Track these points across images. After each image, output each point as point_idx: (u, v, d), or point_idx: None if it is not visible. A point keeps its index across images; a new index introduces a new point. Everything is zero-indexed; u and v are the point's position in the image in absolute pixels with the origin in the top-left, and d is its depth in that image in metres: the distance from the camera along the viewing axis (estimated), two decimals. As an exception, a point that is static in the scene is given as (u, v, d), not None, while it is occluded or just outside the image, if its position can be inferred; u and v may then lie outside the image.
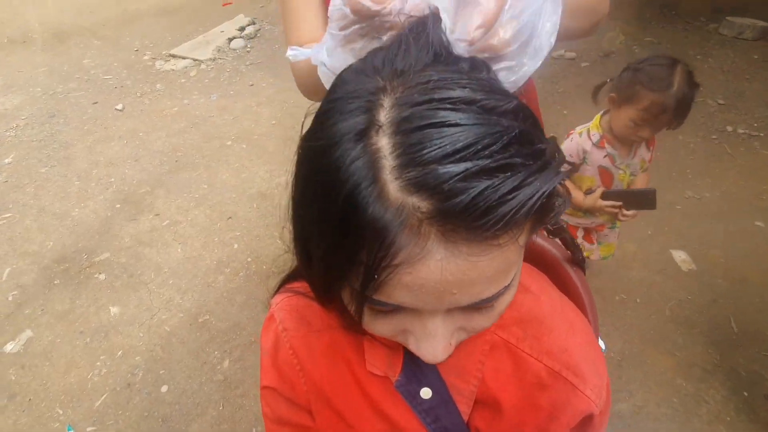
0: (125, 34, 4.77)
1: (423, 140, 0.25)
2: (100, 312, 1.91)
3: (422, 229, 0.26)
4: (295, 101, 3.37)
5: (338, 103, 0.30)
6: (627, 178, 1.44)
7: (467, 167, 0.25)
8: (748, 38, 3.74)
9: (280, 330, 0.52)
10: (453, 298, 0.29)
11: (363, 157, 0.26)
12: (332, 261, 0.30)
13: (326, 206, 0.28)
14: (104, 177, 2.71)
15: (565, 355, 0.46)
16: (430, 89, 0.28)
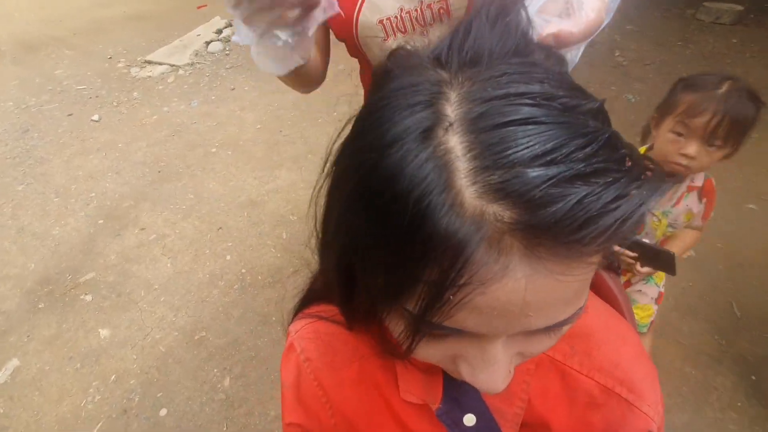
0: (97, 42, 4.61)
1: (506, 139, 0.22)
2: (89, 335, 1.82)
3: (504, 243, 0.22)
4: (280, 104, 3.29)
5: (391, 99, 0.25)
6: (663, 228, 1.15)
7: (561, 171, 0.21)
8: (726, 23, 3.80)
9: (301, 360, 0.47)
10: (526, 322, 0.25)
11: (431, 160, 0.22)
12: (388, 281, 0.26)
13: (384, 219, 0.24)
14: (84, 192, 2.60)
15: (618, 370, 0.43)
16: (505, 83, 0.24)
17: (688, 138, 0.97)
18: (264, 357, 1.70)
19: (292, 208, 2.37)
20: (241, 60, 3.97)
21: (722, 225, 2.03)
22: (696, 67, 3.26)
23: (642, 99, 2.97)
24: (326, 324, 0.47)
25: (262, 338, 1.77)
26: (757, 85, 3.08)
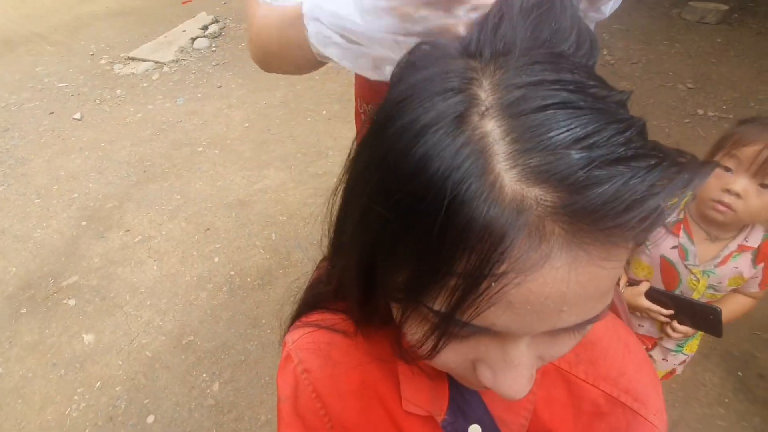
0: (79, 39, 4.50)
1: (546, 122, 0.21)
2: (73, 341, 1.77)
3: (546, 229, 0.21)
4: (268, 102, 3.25)
5: (420, 87, 0.24)
6: (701, 289, 0.98)
7: (603, 153, 0.21)
8: (711, 22, 3.85)
9: (299, 372, 0.45)
10: (559, 318, 0.24)
11: (468, 145, 0.21)
12: (415, 277, 0.24)
13: (416, 208, 0.22)
14: (66, 193, 2.53)
15: (623, 379, 0.42)
16: (539, 71, 0.23)
17: (737, 173, 0.83)
18: (254, 361, 1.67)
19: (281, 208, 2.34)
20: (228, 57, 3.91)
21: (708, 222, 2.06)
22: (682, 65, 3.30)
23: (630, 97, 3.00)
24: (325, 333, 0.45)
25: (252, 342, 1.74)
26: (741, 83, 3.15)
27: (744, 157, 0.82)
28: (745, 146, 0.82)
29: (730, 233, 0.94)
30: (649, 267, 1.02)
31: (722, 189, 0.84)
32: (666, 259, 0.99)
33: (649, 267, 1.03)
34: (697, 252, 0.95)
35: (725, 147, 0.86)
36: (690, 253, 0.96)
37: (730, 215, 0.86)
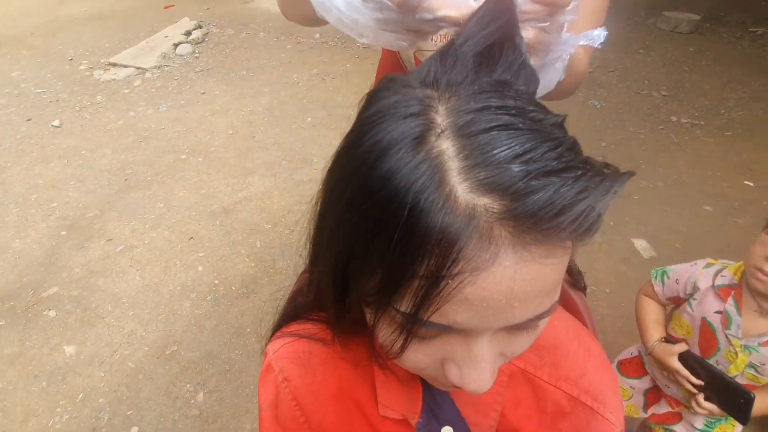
0: (57, 43, 4.41)
1: (491, 142, 0.25)
2: (54, 352, 1.75)
3: (494, 232, 0.24)
4: (252, 109, 3.24)
5: (385, 112, 0.28)
6: (740, 366, 0.90)
7: (538, 167, 0.24)
8: (684, 32, 4.00)
9: (280, 381, 0.47)
10: (512, 313, 0.27)
11: (425, 161, 0.25)
12: (384, 281, 0.27)
13: (383, 217, 0.25)
14: (45, 202, 2.49)
15: (583, 380, 0.45)
16: (485, 98, 0.27)
17: None
18: (238, 369, 1.67)
19: (266, 216, 2.34)
20: (211, 63, 3.89)
21: (680, 226, 2.14)
22: (657, 73, 3.42)
23: (607, 105, 3.09)
24: (305, 343, 0.47)
25: (237, 350, 1.74)
26: (712, 91, 3.26)
27: None
28: None
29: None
30: (689, 327, 0.96)
31: (765, 257, 0.81)
32: (707, 323, 0.92)
33: (689, 326, 0.96)
34: (742, 323, 0.88)
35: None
36: (734, 322, 0.89)
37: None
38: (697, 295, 0.95)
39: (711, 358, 0.94)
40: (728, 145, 2.64)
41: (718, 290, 0.92)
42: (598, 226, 0.27)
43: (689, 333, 0.97)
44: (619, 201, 2.31)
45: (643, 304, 1.08)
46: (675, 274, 1.00)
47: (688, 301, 0.97)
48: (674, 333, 1.02)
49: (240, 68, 3.80)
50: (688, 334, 0.98)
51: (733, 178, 2.39)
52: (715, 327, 0.92)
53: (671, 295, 1.02)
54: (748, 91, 3.15)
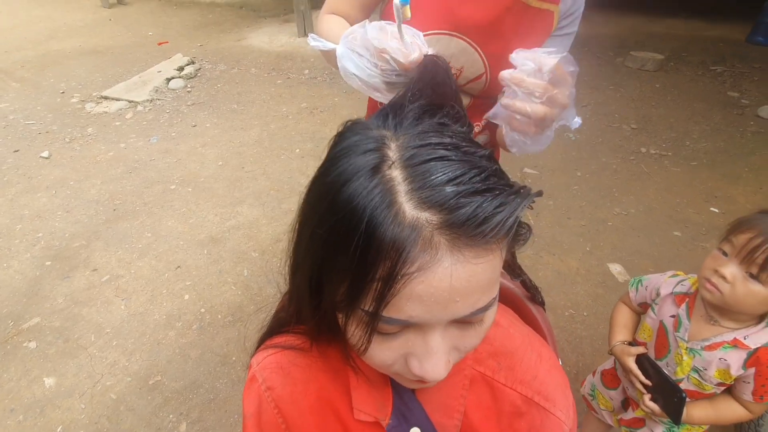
0: (48, 76, 4.50)
1: (430, 170, 0.32)
2: (33, 385, 1.71)
3: (434, 239, 0.30)
4: (242, 141, 3.33)
5: (348, 149, 0.35)
6: (686, 368, 0.96)
7: (466, 188, 0.31)
8: (650, 70, 4.28)
9: (263, 390, 0.51)
10: (455, 307, 0.33)
11: (380, 186, 0.31)
12: (349, 286, 0.33)
13: (347, 231, 0.31)
14: (30, 232, 2.48)
15: (535, 382, 0.50)
16: (427, 137, 0.34)
17: (730, 258, 0.87)
18: (223, 399, 1.66)
19: (253, 244, 2.38)
20: (203, 97, 4.00)
21: (652, 250, 2.24)
22: (626, 108, 3.63)
23: (581, 137, 3.26)
24: (288, 354, 0.52)
25: (221, 379, 1.73)
26: (677, 123, 3.46)
27: (737, 244, 0.84)
28: (741, 233, 0.84)
29: (732, 322, 0.92)
30: (651, 330, 1.05)
31: (713, 269, 0.88)
32: (663, 326, 1.01)
33: (650, 330, 1.05)
34: (690, 328, 0.96)
35: (729, 231, 0.88)
36: (683, 326, 0.97)
37: (717, 296, 0.87)
38: (658, 300, 1.04)
39: (663, 359, 1.01)
40: (694, 174, 2.80)
41: (675, 297, 1.00)
42: (520, 234, 0.36)
43: (650, 336, 1.05)
44: (595, 227, 2.41)
45: (617, 310, 1.17)
46: (647, 282, 1.09)
47: (652, 306, 1.06)
48: (639, 337, 1.09)
49: (231, 102, 3.92)
50: (648, 338, 1.06)
51: (699, 205, 2.53)
52: (668, 330, 1.00)
53: (641, 300, 1.10)
54: (710, 124, 3.36)
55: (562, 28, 0.84)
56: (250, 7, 6.86)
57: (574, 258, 2.20)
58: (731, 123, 3.37)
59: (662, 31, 5.30)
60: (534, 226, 2.43)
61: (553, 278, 2.11)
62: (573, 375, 1.68)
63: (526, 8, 0.80)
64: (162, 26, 5.98)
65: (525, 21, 0.81)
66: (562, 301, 2.00)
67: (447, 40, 0.83)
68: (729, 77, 4.12)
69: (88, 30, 5.87)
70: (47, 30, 5.85)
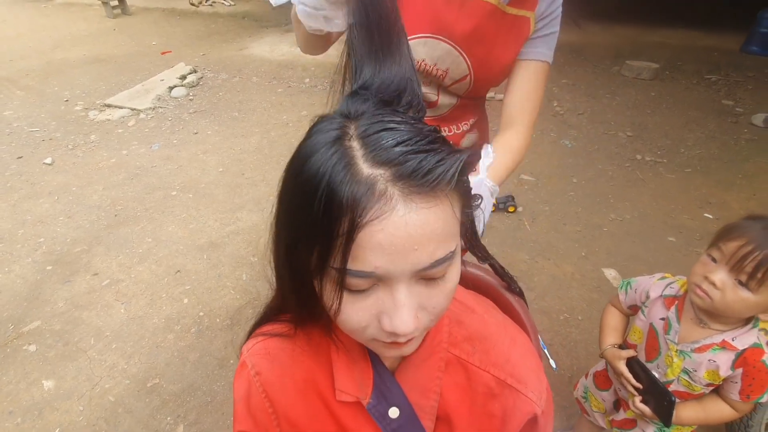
0: (52, 84, 4.56)
1: (382, 137, 0.36)
2: (32, 387, 1.72)
3: (387, 191, 0.34)
4: (243, 148, 3.37)
5: (314, 133, 0.39)
6: (676, 370, 0.98)
7: (412, 148, 0.36)
8: (646, 78, 4.34)
9: (252, 375, 0.54)
10: (415, 256, 0.36)
11: (338, 153, 0.35)
12: (319, 242, 0.36)
13: (310, 196, 0.35)
14: (32, 237, 2.51)
15: (508, 365, 0.53)
16: (381, 116, 0.39)
17: (719, 264, 0.88)
18: (220, 401, 1.67)
19: (252, 249, 2.40)
20: (205, 105, 4.06)
21: (647, 255, 2.26)
22: (622, 116, 3.68)
23: (577, 144, 3.31)
24: (275, 340, 0.55)
25: (219, 382, 1.74)
26: (672, 131, 3.50)
27: (727, 251, 0.85)
28: (730, 240, 0.85)
29: (720, 324, 0.93)
30: (641, 332, 1.06)
31: (702, 275, 0.89)
32: (653, 328, 1.02)
33: (641, 332, 1.06)
34: (680, 330, 0.97)
35: (718, 237, 0.89)
36: (672, 328, 0.98)
37: (707, 302, 0.88)
38: (647, 303, 1.05)
39: (653, 361, 1.03)
40: (688, 181, 2.83)
41: (665, 299, 1.02)
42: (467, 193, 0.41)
43: (640, 338, 1.06)
44: (591, 233, 2.44)
45: (607, 313, 1.18)
46: (636, 284, 1.10)
47: (641, 309, 1.07)
48: (630, 339, 1.10)
49: (232, 110, 3.97)
50: (639, 340, 1.07)
51: (693, 211, 2.56)
52: (659, 332, 1.01)
53: (631, 303, 1.11)
54: (705, 132, 3.41)
55: (540, 30, 0.89)
56: (252, 17, 6.97)
57: (570, 263, 2.22)
58: (725, 131, 3.41)
59: (657, 41, 5.37)
60: (530, 231, 2.46)
61: (548, 283, 2.13)
62: (567, 378, 1.69)
63: (504, 15, 0.86)
64: (165, 36, 6.07)
65: (503, 27, 0.87)
66: (557, 305, 2.02)
67: (434, 43, 0.88)
68: (724, 86, 4.17)
69: (92, 39, 5.96)
70: (52, 39, 5.94)
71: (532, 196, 2.71)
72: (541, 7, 0.87)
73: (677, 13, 6.13)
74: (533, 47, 0.90)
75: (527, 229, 2.49)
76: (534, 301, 2.05)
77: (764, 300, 0.84)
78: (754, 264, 0.81)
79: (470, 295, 0.60)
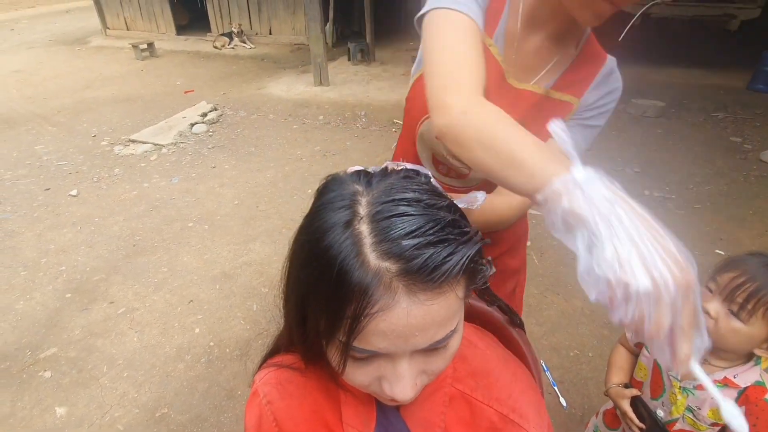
0: (82, 121, 4.83)
1: (391, 225, 0.37)
2: (45, 414, 1.75)
3: (392, 285, 0.36)
4: (258, 181, 3.49)
5: (327, 203, 0.42)
6: (680, 408, 0.97)
7: (419, 241, 0.37)
8: (651, 116, 4.42)
9: (263, 404, 0.57)
10: (415, 340, 0.38)
11: (349, 239, 0.37)
12: (327, 320, 0.39)
13: (323, 275, 0.37)
14: (54, 266, 2.61)
15: (510, 400, 0.54)
16: (392, 192, 0.41)
17: (714, 294, 0.89)
18: (227, 433, 1.67)
19: (264, 280, 2.45)
20: (223, 141, 4.25)
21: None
22: (629, 152, 3.73)
23: (585, 180, 3.34)
24: (286, 372, 0.58)
25: (227, 413, 1.75)
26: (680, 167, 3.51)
27: (721, 282, 0.88)
28: (725, 272, 0.88)
29: (721, 361, 0.93)
30: (646, 369, 1.05)
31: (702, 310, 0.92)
32: (657, 365, 1.02)
33: (646, 369, 1.05)
34: None
35: (717, 270, 0.91)
36: None
37: None
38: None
39: (659, 398, 1.02)
40: (698, 217, 2.83)
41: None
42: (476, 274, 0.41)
43: (645, 375, 1.06)
44: (600, 268, 2.43)
45: (614, 351, 1.18)
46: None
47: (645, 346, 1.07)
48: (636, 377, 1.10)
49: (249, 145, 4.14)
50: (644, 377, 1.06)
51: (704, 247, 2.54)
52: (663, 369, 1.01)
53: (637, 340, 1.11)
54: (713, 168, 3.42)
55: (585, 119, 0.81)
56: (271, 59, 7.36)
57: (579, 298, 2.21)
58: (734, 167, 3.43)
59: (663, 80, 5.49)
60: (538, 266, 2.47)
61: (557, 318, 2.12)
62: (579, 417, 1.66)
63: (548, 100, 0.81)
64: (189, 77, 6.43)
65: (544, 112, 0.80)
66: (566, 341, 2.00)
67: None
68: (731, 123, 4.22)
69: (121, 79, 6.34)
70: (84, 80, 6.34)
71: (540, 230, 2.74)
72: (590, 97, 0.79)
73: (681, 53, 6.30)
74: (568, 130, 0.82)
75: (536, 263, 2.50)
76: (543, 337, 2.03)
77: (757, 332, 0.85)
78: (746, 294, 0.83)
79: (472, 329, 0.62)
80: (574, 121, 0.81)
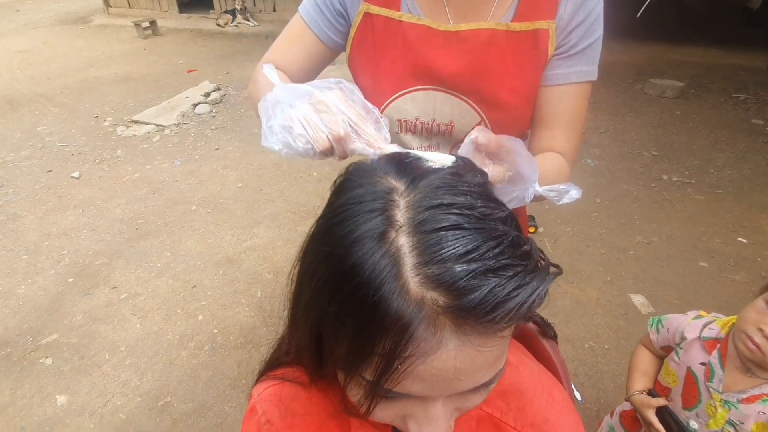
0: (84, 101, 4.74)
1: (440, 241, 0.29)
2: (45, 402, 1.73)
3: (439, 322, 0.28)
4: (262, 164, 3.41)
5: (353, 205, 0.32)
6: (720, 420, 0.89)
7: (478, 267, 0.28)
8: (670, 97, 4.24)
9: (262, 423, 0.50)
10: (459, 385, 0.31)
11: (386, 258, 0.28)
12: (349, 353, 0.31)
13: (349, 302, 0.29)
14: (56, 249, 2.56)
15: (547, 425, 0.47)
16: (440, 194, 0.31)
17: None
18: (231, 423, 1.64)
19: (268, 266, 2.39)
20: (227, 121, 4.15)
21: (676, 281, 2.15)
22: (646, 135, 3.58)
23: (600, 163, 3.22)
24: (289, 386, 0.50)
25: (230, 402, 1.71)
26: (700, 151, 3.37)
27: None
28: None
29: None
30: (676, 375, 0.97)
31: (755, 325, 0.80)
32: (692, 373, 0.93)
33: (675, 375, 0.97)
34: (724, 378, 0.87)
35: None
36: (716, 376, 0.88)
37: (758, 356, 0.79)
38: (683, 345, 0.96)
39: (692, 410, 0.93)
40: (719, 203, 2.71)
41: (704, 342, 0.92)
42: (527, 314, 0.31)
43: (675, 381, 0.97)
44: (616, 256, 2.34)
45: (637, 354, 1.09)
46: (668, 322, 1.01)
47: (676, 350, 0.98)
48: (662, 381, 1.02)
49: (253, 126, 4.04)
50: (674, 383, 0.98)
51: (726, 234, 2.43)
52: (699, 378, 0.92)
53: (664, 344, 1.03)
54: (735, 152, 3.28)
55: (573, 42, 0.68)
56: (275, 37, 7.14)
57: (594, 287, 2.13)
58: (757, 151, 3.28)
59: (681, 59, 5.26)
60: (551, 253, 2.38)
61: (571, 308, 2.05)
62: (594, 412, 1.60)
63: (510, 36, 0.68)
64: (192, 55, 6.28)
65: (511, 51, 0.69)
66: (581, 332, 1.92)
67: (423, 96, 0.73)
68: (753, 105, 4.03)
69: (124, 59, 6.21)
70: (87, 59, 6.22)
71: (552, 216, 2.64)
72: (564, 13, 0.67)
73: (700, 31, 6.02)
74: (568, 67, 0.70)
75: (549, 250, 2.41)
76: (557, 328, 1.95)
77: None
78: None
79: None
80: (571, 51, 0.69)
